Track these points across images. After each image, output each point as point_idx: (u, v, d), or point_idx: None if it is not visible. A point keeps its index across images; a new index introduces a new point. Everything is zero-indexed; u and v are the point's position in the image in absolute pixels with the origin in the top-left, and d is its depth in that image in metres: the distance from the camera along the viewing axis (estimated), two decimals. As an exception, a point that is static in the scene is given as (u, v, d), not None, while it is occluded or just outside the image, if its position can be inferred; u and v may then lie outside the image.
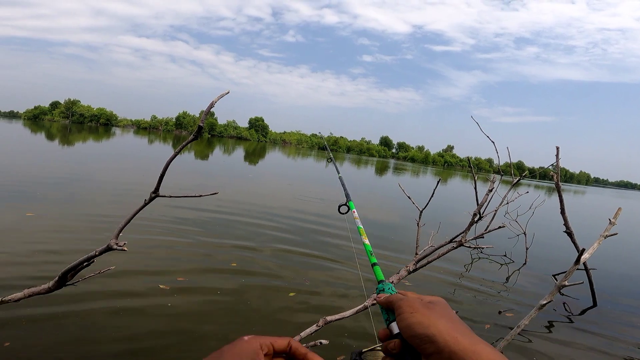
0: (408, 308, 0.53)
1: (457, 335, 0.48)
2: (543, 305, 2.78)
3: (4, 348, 2.35)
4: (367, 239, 0.87)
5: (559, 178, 2.98)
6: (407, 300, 0.55)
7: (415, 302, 0.54)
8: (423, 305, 0.53)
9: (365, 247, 0.84)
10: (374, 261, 0.78)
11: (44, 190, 7.30)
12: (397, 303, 0.55)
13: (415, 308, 0.53)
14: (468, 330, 0.50)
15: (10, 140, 21.24)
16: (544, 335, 3.84)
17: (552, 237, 9.16)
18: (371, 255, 0.81)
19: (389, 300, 0.58)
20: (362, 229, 0.92)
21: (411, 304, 0.54)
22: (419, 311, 0.52)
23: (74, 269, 1.63)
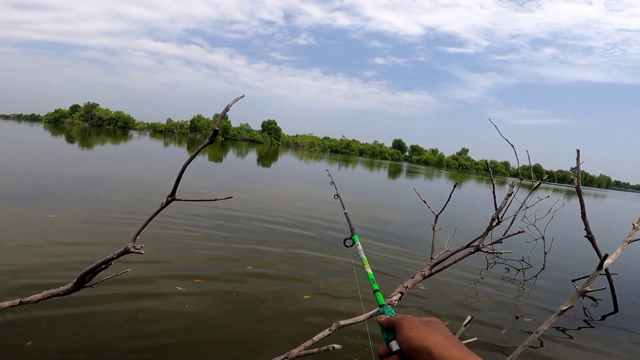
0: (407, 324, 0.59)
1: (451, 349, 0.53)
2: (564, 310, 2.70)
3: (26, 347, 2.41)
4: (369, 268, 0.97)
5: (579, 182, 2.90)
6: (406, 318, 0.61)
7: (413, 320, 0.60)
8: (421, 323, 0.59)
9: (368, 276, 0.94)
10: (376, 288, 0.88)
11: (66, 192, 7.50)
12: (398, 322, 0.61)
13: (413, 324, 0.59)
14: (462, 346, 0.56)
15: (33, 143, 21.90)
16: (563, 341, 3.74)
17: (571, 241, 8.94)
18: (373, 283, 0.90)
19: (390, 320, 0.64)
20: (365, 260, 1.03)
21: (410, 321, 0.60)
22: (417, 327, 0.58)
23: (92, 271, 1.66)
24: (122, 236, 4.93)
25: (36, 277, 3.48)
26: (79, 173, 10.67)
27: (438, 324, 0.59)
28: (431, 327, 0.58)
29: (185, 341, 2.79)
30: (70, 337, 2.62)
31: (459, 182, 33.71)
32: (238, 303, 3.55)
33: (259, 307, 3.51)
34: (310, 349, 2.12)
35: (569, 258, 7.48)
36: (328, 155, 78.05)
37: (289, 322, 3.35)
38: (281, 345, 2.83)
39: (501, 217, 2.35)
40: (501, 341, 3.50)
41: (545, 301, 4.80)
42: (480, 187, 32.61)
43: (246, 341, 2.93)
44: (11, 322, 2.67)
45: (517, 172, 2.65)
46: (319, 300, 3.86)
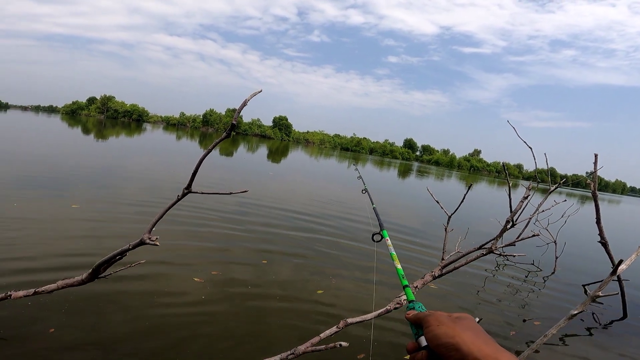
0: (435, 321, 0.58)
1: (480, 344, 0.53)
2: (574, 315, 2.67)
3: (49, 334, 2.49)
4: (399, 264, 0.95)
5: (596, 187, 2.85)
6: (435, 315, 0.60)
7: (442, 317, 0.59)
8: (449, 320, 0.58)
9: (398, 272, 0.93)
10: (405, 283, 0.86)
11: (87, 182, 7.66)
12: (425, 318, 0.61)
13: (441, 321, 0.58)
14: (492, 341, 0.55)
15: (52, 134, 22.38)
16: (571, 345, 3.69)
17: (583, 246, 8.78)
18: (403, 279, 0.89)
19: (418, 317, 0.63)
20: (394, 255, 1.01)
21: (438, 318, 0.59)
22: (445, 324, 0.57)
23: (108, 262, 1.71)
24: (144, 226, 4.99)
25: (52, 267, 3.55)
26: (97, 164, 10.87)
27: (468, 320, 0.58)
28: (460, 323, 0.57)
29: (199, 332, 2.85)
30: (90, 324, 2.70)
31: (469, 184, 33.30)
32: (251, 296, 3.60)
33: (271, 301, 3.55)
34: (317, 345, 2.14)
35: (580, 263, 7.35)
36: (338, 153, 77.89)
37: (303, 314, 3.40)
38: (291, 340, 2.85)
39: (515, 220, 2.33)
40: (509, 344, 3.47)
41: (554, 305, 4.73)
42: (492, 190, 32.21)
43: (257, 334, 2.97)
44: (34, 308, 2.76)
45: (535, 174, 2.61)
46: (332, 294, 3.91)
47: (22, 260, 3.57)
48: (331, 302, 3.75)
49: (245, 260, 4.51)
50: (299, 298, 3.74)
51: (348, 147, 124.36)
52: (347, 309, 3.62)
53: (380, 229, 1.20)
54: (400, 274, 0.91)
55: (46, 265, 3.55)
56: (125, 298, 3.16)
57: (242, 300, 3.49)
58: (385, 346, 3.03)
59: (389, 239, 1.10)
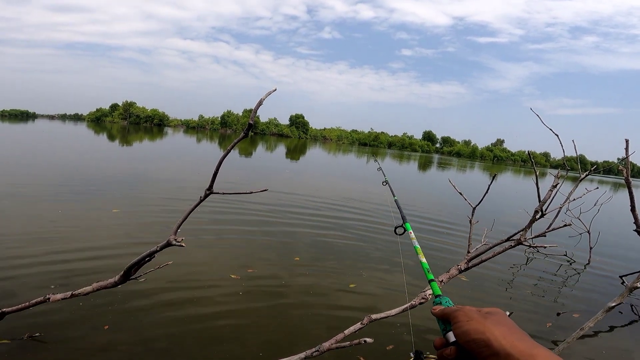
0: (464, 317, 0.56)
1: (513, 340, 0.50)
2: (612, 307, 2.56)
3: (104, 331, 2.68)
4: (424, 257, 0.91)
5: (629, 173, 2.71)
6: (463, 310, 0.58)
7: (471, 312, 0.57)
8: (479, 315, 0.56)
9: (422, 265, 0.89)
10: (431, 277, 0.83)
11: (121, 187, 7.94)
12: (453, 314, 0.58)
13: (471, 317, 0.55)
14: (526, 336, 0.52)
15: (82, 141, 23.28)
16: (608, 338, 3.55)
17: (618, 235, 8.41)
18: (428, 273, 0.85)
19: (445, 312, 0.61)
20: (419, 248, 0.97)
21: (467, 313, 0.57)
22: (474, 319, 0.55)
23: (138, 264, 1.76)
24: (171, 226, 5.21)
25: (110, 267, 3.75)
26: (127, 170, 11.23)
27: (499, 315, 0.56)
28: (490, 318, 0.55)
29: (242, 322, 3.05)
30: (138, 320, 2.90)
31: (494, 175, 32.45)
32: (284, 294, 3.72)
33: (303, 297, 3.66)
34: (341, 342, 2.13)
35: (616, 253, 7.03)
36: (356, 148, 77.51)
37: (339, 307, 3.52)
38: (321, 335, 2.89)
39: (545, 210, 2.24)
40: (543, 337, 3.36)
41: (590, 297, 4.55)
42: (518, 179, 31.27)
43: (292, 329, 3.07)
44: (88, 306, 2.97)
45: (563, 162, 2.51)
46: (363, 291, 3.97)
47: (66, 262, 3.78)
48: (361, 297, 3.83)
49: (278, 258, 4.68)
50: (334, 290, 3.87)
51: (366, 142, 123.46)
52: (378, 302, 3.67)
53: (403, 221, 1.16)
54: (425, 267, 0.88)
55: (89, 267, 3.76)
56: (168, 296, 3.37)
57: (274, 297, 3.62)
58: (421, 335, 3.09)
59: (412, 232, 1.06)
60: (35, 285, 3.22)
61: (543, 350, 0.49)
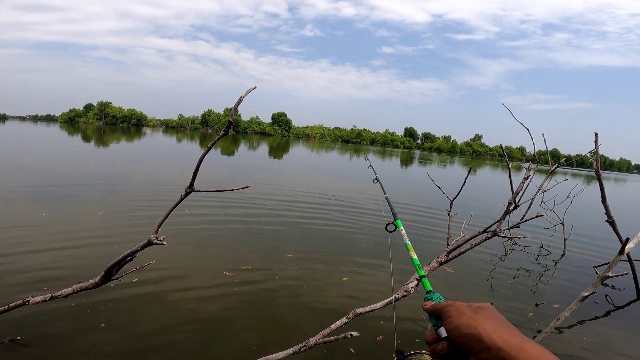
0: (455, 312, 0.57)
1: (503, 334, 0.51)
2: (585, 297, 2.67)
3: (100, 329, 2.70)
4: (415, 254, 0.92)
5: (599, 165, 2.83)
6: (454, 305, 0.58)
7: (462, 307, 0.57)
8: (470, 310, 0.56)
9: (414, 262, 0.90)
10: (422, 274, 0.82)
11: (101, 189, 7.71)
12: (444, 309, 0.59)
13: (461, 312, 0.56)
14: (516, 331, 0.52)
15: (56, 143, 22.46)
16: (584, 327, 3.70)
17: (592, 227, 8.75)
18: (419, 269, 0.85)
19: (436, 307, 0.61)
20: (409, 245, 0.96)
21: (458, 308, 0.57)
22: (465, 314, 0.55)
23: (119, 264, 1.73)
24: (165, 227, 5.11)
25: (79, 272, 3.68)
26: (105, 171, 10.91)
27: (489, 309, 0.56)
28: (481, 313, 0.55)
29: (236, 315, 3.12)
30: (135, 317, 2.92)
31: (473, 169, 33.21)
32: (275, 290, 3.77)
33: (295, 293, 3.71)
34: (328, 336, 2.15)
35: (590, 244, 7.33)
36: (339, 145, 77.74)
37: (333, 301, 3.61)
38: (314, 329, 2.93)
39: (518, 202, 2.32)
40: (522, 328, 3.48)
41: (567, 288, 4.73)
42: (496, 173, 32.08)
43: (279, 326, 3.10)
44: (84, 305, 2.98)
45: (534, 156, 2.60)
46: (354, 285, 4.05)
47: (48, 265, 3.68)
48: (356, 287, 3.95)
49: (270, 254, 4.75)
50: (328, 285, 3.95)
51: (349, 139, 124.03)
52: (369, 296, 3.75)
53: (394, 218, 1.16)
54: (417, 264, 0.88)
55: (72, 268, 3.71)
56: (161, 291, 3.41)
57: (269, 293, 3.68)
58: (406, 327, 3.16)
59: (403, 229, 1.07)
60: (17, 289, 3.15)
61: (533, 344, 0.50)
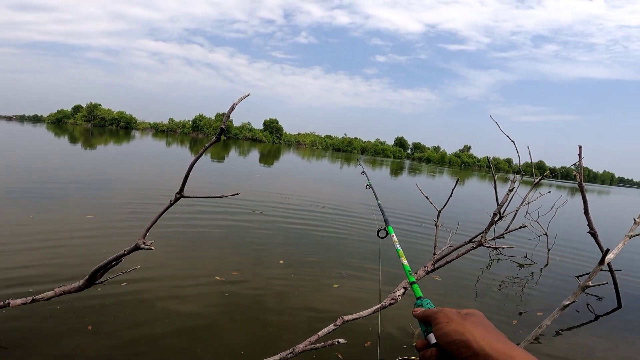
0: (444, 318, 0.57)
1: (492, 341, 0.51)
2: (566, 305, 2.73)
3: (88, 331, 2.69)
4: (405, 260, 0.92)
5: (582, 178, 2.91)
6: (444, 312, 0.59)
7: (451, 313, 0.58)
8: (459, 316, 0.57)
9: (404, 268, 0.90)
10: (413, 280, 0.83)
11: (88, 192, 7.57)
12: (434, 315, 0.59)
13: (451, 318, 0.57)
14: (504, 337, 0.53)
15: (44, 144, 22.03)
16: (566, 336, 3.76)
17: (574, 238, 8.92)
18: (410, 275, 0.86)
19: (426, 314, 0.62)
20: (400, 251, 0.96)
21: (447, 314, 0.58)
22: (454, 320, 0.56)
23: (104, 268, 1.71)
24: (153, 230, 5.05)
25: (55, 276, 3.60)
26: (93, 174, 10.74)
27: (477, 316, 0.57)
28: (470, 319, 0.56)
29: (226, 321, 3.11)
30: (123, 320, 2.90)
31: (461, 180, 33.63)
32: (265, 295, 3.77)
33: (285, 299, 3.73)
34: (315, 343, 2.16)
35: (573, 254, 7.47)
36: (330, 154, 77.99)
37: (323, 306, 3.63)
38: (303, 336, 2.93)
39: (503, 213, 2.38)
40: (509, 335, 3.52)
41: (549, 297, 4.81)
42: (483, 184, 32.53)
43: (269, 331, 3.10)
44: (70, 308, 2.95)
45: (519, 168, 2.67)
46: (346, 288, 4.10)
47: (29, 267, 3.59)
48: (346, 294, 3.99)
49: (263, 261, 4.76)
50: (319, 291, 3.98)
51: (340, 147, 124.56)
52: (358, 303, 3.76)
53: (386, 224, 1.16)
54: (407, 270, 0.88)
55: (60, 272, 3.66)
56: (151, 295, 3.39)
57: (258, 298, 3.69)
58: (393, 334, 3.17)
59: (395, 235, 1.07)
60: None
61: (520, 351, 0.50)
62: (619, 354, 3.58)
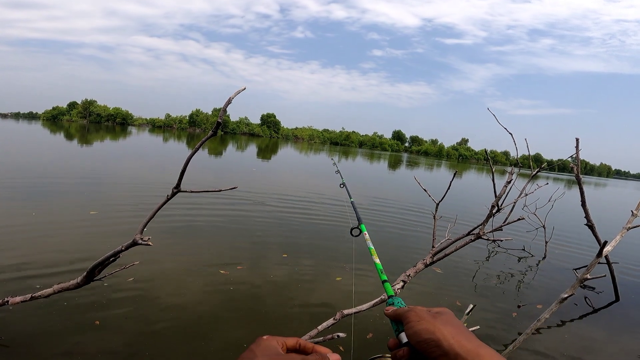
0: (415, 317, 0.57)
1: (461, 340, 0.52)
2: (564, 298, 2.74)
3: (95, 326, 2.72)
4: (377, 258, 0.92)
5: (579, 170, 2.91)
6: (414, 311, 0.59)
7: (422, 312, 0.58)
8: (429, 315, 0.57)
9: (376, 266, 0.90)
10: (384, 278, 0.83)
11: (86, 188, 7.53)
12: (405, 314, 0.59)
13: (421, 317, 0.57)
14: (473, 336, 0.54)
15: (40, 141, 21.89)
16: (565, 329, 3.79)
17: (572, 230, 8.97)
18: (382, 273, 0.86)
19: (397, 313, 0.61)
20: (373, 249, 0.97)
21: (418, 313, 0.58)
22: (425, 319, 0.56)
23: (102, 264, 1.70)
24: (148, 226, 5.05)
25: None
26: (89, 170, 10.68)
27: (447, 315, 0.58)
28: (440, 318, 0.56)
29: (230, 315, 3.16)
30: (131, 314, 2.94)
31: (459, 172, 33.69)
32: (278, 284, 3.85)
33: (288, 292, 3.77)
34: (315, 337, 2.16)
35: (571, 247, 7.52)
36: (328, 148, 77.92)
37: (327, 298, 3.69)
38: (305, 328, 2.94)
39: (501, 205, 2.38)
40: (504, 329, 3.55)
41: (548, 290, 4.84)
42: (481, 177, 32.60)
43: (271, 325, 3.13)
44: (78, 304, 2.98)
45: (517, 161, 2.67)
46: (348, 282, 4.15)
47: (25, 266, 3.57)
48: (348, 286, 4.04)
49: (267, 254, 4.82)
50: (321, 284, 4.05)
51: (337, 141, 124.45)
52: (358, 297, 3.78)
53: (359, 223, 1.17)
54: (379, 268, 0.88)
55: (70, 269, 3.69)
56: (155, 288, 3.46)
57: (268, 288, 3.75)
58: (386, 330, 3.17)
59: (367, 234, 1.07)
60: None
61: (488, 349, 0.51)
62: (617, 347, 3.62)
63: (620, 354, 3.50)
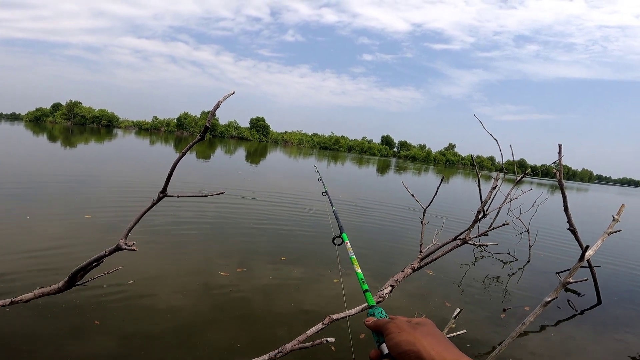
0: (395, 328, 0.57)
1: (441, 350, 0.52)
2: (548, 302, 2.79)
3: (94, 325, 2.76)
4: (359, 267, 0.93)
5: (561, 176, 2.98)
6: (395, 322, 0.59)
7: (402, 323, 0.58)
8: (410, 326, 0.57)
9: (357, 276, 0.90)
10: (365, 288, 0.83)
11: (71, 191, 7.36)
12: (385, 325, 0.59)
13: (401, 328, 0.57)
14: (453, 347, 0.54)
15: (25, 144, 21.33)
16: (549, 332, 3.86)
17: (555, 235, 9.15)
18: (363, 283, 0.86)
19: (377, 324, 0.61)
20: (354, 258, 0.97)
21: (398, 324, 0.58)
22: (405, 330, 0.56)
23: (84, 269, 1.65)
24: (131, 230, 4.95)
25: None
26: (72, 172, 10.44)
27: (428, 325, 0.58)
28: (420, 329, 0.56)
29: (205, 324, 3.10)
30: (130, 316, 2.97)
31: (446, 177, 34.10)
32: (255, 293, 3.81)
33: (274, 298, 3.76)
34: (304, 342, 2.15)
35: (554, 251, 7.67)
36: (317, 152, 78.02)
37: (326, 300, 3.76)
38: (292, 333, 2.93)
39: (487, 210, 2.41)
40: (489, 333, 3.59)
41: (532, 294, 4.92)
42: (467, 182, 33.06)
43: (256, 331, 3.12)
44: (77, 305, 3.01)
45: (502, 166, 2.72)
46: (347, 282, 4.22)
47: None
48: (348, 287, 4.10)
49: (257, 259, 4.80)
50: (322, 286, 4.12)
51: (327, 145, 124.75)
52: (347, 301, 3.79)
53: (340, 232, 1.15)
54: (360, 278, 0.88)
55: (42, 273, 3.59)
56: (157, 291, 3.48)
57: (269, 291, 3.80)
58: None
59: (349, 242, 1.07)
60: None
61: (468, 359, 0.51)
62: (599, 348, 3.69)
63: (603, 354, 3.58)
